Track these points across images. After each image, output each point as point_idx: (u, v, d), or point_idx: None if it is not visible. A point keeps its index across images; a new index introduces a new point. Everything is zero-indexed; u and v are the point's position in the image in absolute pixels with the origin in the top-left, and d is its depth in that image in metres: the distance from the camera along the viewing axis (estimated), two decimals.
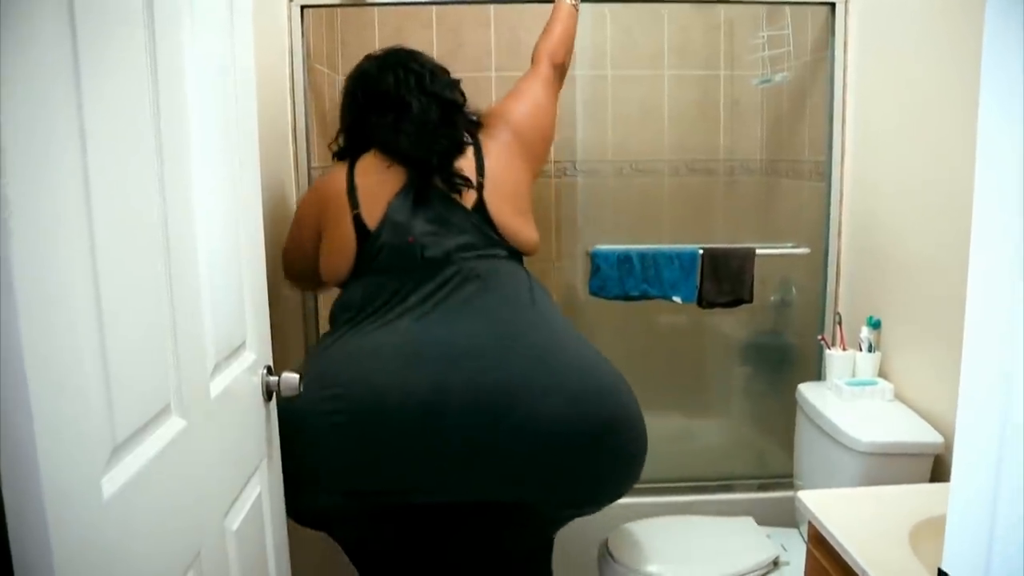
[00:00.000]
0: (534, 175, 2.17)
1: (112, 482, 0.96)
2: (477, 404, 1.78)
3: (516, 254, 2.05)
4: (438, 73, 2.10)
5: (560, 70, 2.27)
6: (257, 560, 1.57)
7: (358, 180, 2.00)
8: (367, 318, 1.92)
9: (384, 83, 2.05)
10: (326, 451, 1.82)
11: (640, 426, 1.91)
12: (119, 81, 1.02)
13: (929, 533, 1.43)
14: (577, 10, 2.33)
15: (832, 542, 1.51)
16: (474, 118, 2.11)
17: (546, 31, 2.31)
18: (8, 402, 0.79)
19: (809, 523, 1.63)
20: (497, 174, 2.01)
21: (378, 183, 1.99)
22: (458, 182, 1.97)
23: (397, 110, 2.01)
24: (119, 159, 1.01)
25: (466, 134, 2.06)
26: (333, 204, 2.01)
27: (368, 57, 2.17)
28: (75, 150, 0.90)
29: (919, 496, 1.65)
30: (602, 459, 1.86)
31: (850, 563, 1.44)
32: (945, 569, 0.85)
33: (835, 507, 1.60)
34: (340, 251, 2.00)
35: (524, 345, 1.86)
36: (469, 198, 1.98)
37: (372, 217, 1.97)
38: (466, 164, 2.00)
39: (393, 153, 1.99)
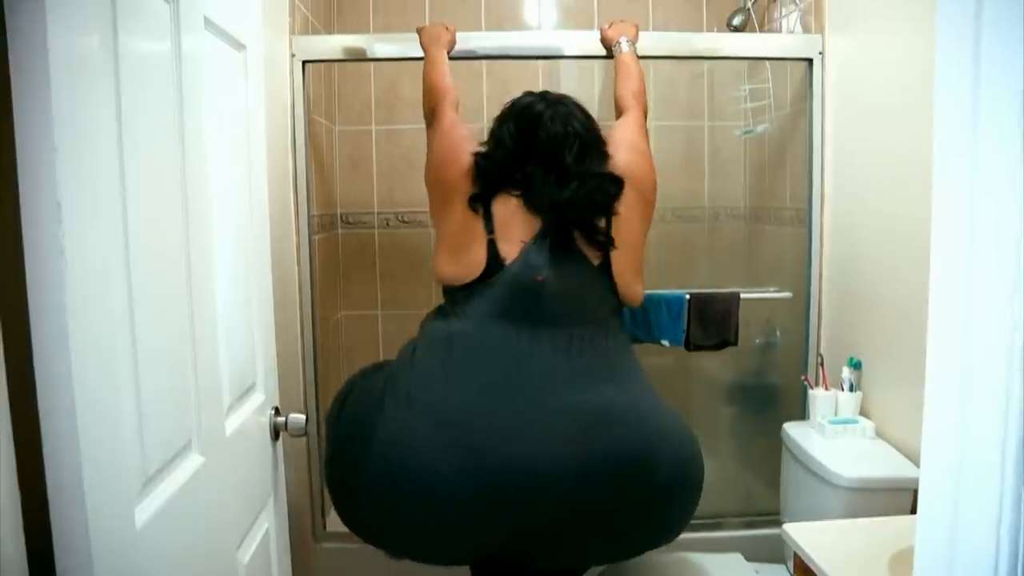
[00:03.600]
0: (647, 231, 2.17)
1: (144, 512, 1.03)
2: (615, 476, 1.81)
3: (619, 308, 2.08)
4: (591, 132, 2.09)
5: (646, 113, 2.34)
6: None
7: (494, 208, 1.99)
8: (488, 369, 1.90)
9: (551, 139, 2.02)
10: (469, 523, 1.81)
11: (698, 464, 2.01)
12: (153, 141, 1.11)
13: (908, 561, 1.50)
14: (636, 52, 2.44)
15: (817, 571, 1.58)
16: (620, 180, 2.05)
17: (624, 80, 2.37)
18: (58, 434, 0.86)
19: (795, 554, 1.70)
20: (624, 235, 2.02)
21: (514, 220, 1.98)
22: (600, 239, 1.98)
23: (557, 168, 1.99)
24: (152, 213, 1.10)
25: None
26: (462, 187, 2.03)
27: (530, 102, 2.12)
28: (116, 206, 0.99)
29: (899, 527, 1.72)
30: (690, 507, 1.99)
31: None
32: None
33: (819, 538, 1.68)
34: (466, 264, 1.98)
35: (637, 414, 1.90)
36: (596, 255, 2.00)
37: (504, 251, 1.97)
38: (600, 223, 2.01)
39: (542, 206, 1.97)
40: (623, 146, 2.15)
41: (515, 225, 1.98)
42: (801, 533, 1.70)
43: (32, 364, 0.86)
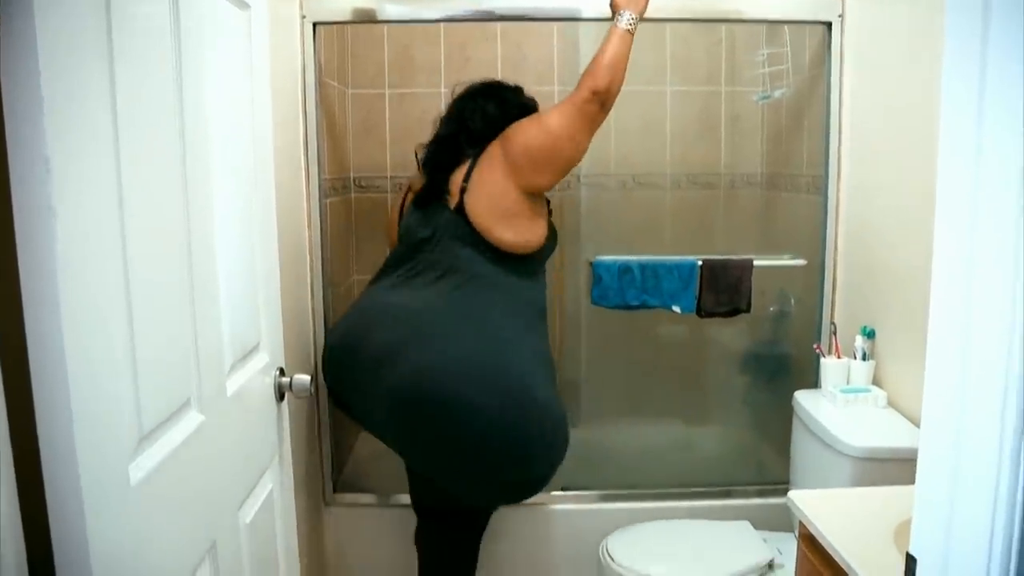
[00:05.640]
0: (524, 188, 2.30)
1: (139, 469, 1.04)
2: (371, 356, 2.23)
3: (491, 248, 2.30)
4: (485, 108, 2.42)
5: (602, 96, 2.25)
6: (268, 553, 1.64)
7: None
8: (375, 279, 2.47)
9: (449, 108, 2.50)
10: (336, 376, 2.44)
11: (475, 416, 2.12)
12: (149, 97, 1.10)
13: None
14: (632, 34, 2.33)
15: (820, 539, 1.57)
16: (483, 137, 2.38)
17: (595, 56, 2.32)
18: (49, 390, 0.86)
19: (800, 522, 1.69)
20: (478, 183, 2.31)
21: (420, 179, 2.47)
22: (444, 191, 2.36)
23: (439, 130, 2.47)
24: (148, 172, 1.09)
25: (470, 150, 2.37)
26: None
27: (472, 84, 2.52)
28: (110, 164, 0.98)
29: (904, 496, 1.69)
30: (420, 430, 2.19)
31: (836, 559, 1.50)
32: (912, 553, 0.91)
33: (824, 506, 1.66)
34: None
35: (420, 323, 2.23)
36: (451, 200, 2.33)
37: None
38: (460, 173, 2.34)
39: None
40: (536, 122, 2.34)
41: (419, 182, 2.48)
42: (806, 501, 1.69)
43: (23, 320, 0.86)
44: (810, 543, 1.65)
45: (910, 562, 0.92)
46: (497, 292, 2.28)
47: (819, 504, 1.68)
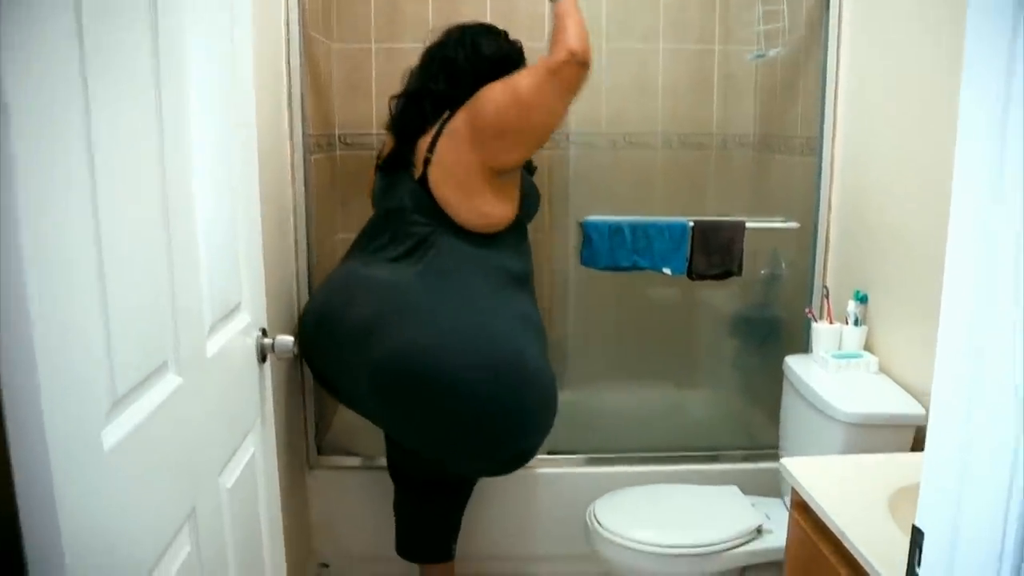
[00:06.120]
0: (490, 165, 2.20)
1: (112, 434, 0.98)
2: (351, 331, 2.19)
3: (453, 224, 2.22)
4: (454, 61, 2.30)
5: (580, 57, 2.12)
6: (251, 518, 1.60)
7: None
8: (350, 252, 2.42)
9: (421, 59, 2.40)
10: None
11: (471, 390, 2.07)
12: (121, 39, 1.03)
13: (907, 499, 1.46)
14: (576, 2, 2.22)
15: (814, 507, 1.55)
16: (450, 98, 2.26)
17: (558, 25, 2.19)
18: (13, 350, 0.81)
19: (792, 489, 1.66)
20: (442, 154, 2.21)
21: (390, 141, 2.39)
22: (409, 160, 2.28)
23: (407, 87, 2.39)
24: (121, 121, 1.03)
25: (438, 112, 2.27)
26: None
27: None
28: (79, 110, 0.92)
29: (899, 464, 1.68)
30: (413, 407, 2.13)
31: (830, 527, 1.47)
32: (919, 525, 0.88)
33: (817, 474, 1.64)
34: None
35: (401, 298, 2.16)
36: (416, 169, 2.25)
37: None
38: (425, 140, 2.24)
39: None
40: (504, 88, 2.20)
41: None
42: (799, 468, 1.67)
43: None
44: (803, 510, 1.63)
45: (916, 535, 0.89)
46: (473, 263, 2.21)
47: (812, 471, 1.66)
